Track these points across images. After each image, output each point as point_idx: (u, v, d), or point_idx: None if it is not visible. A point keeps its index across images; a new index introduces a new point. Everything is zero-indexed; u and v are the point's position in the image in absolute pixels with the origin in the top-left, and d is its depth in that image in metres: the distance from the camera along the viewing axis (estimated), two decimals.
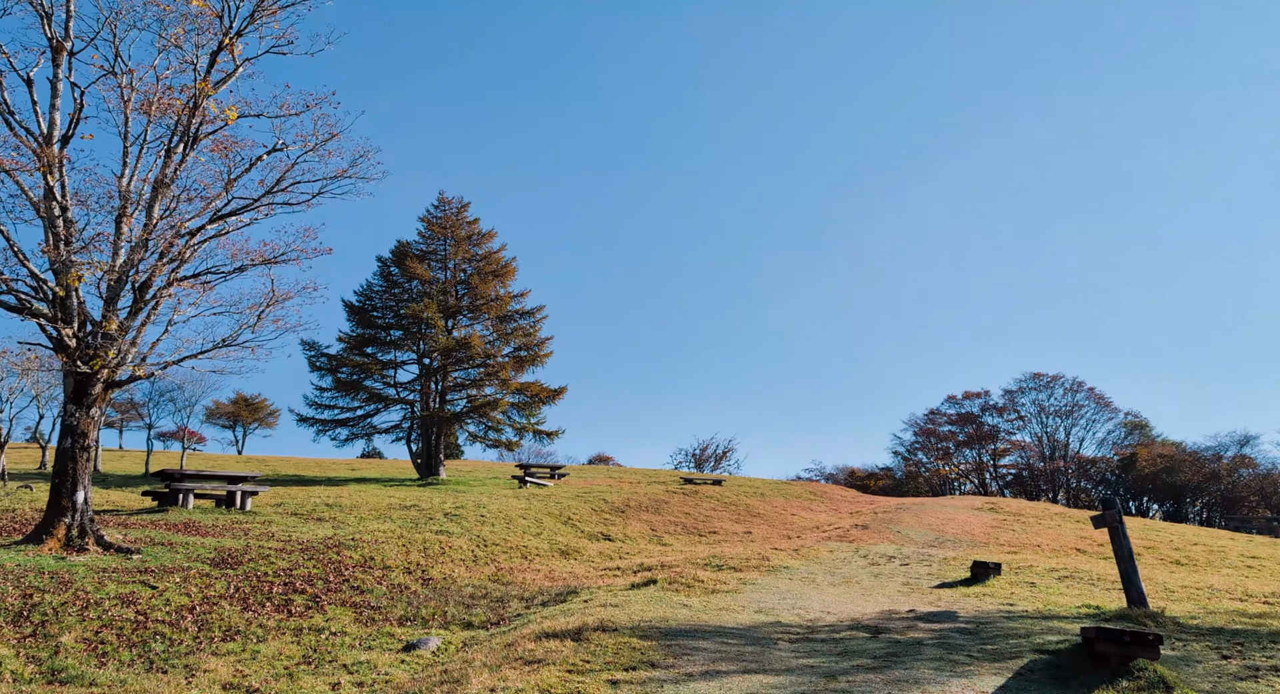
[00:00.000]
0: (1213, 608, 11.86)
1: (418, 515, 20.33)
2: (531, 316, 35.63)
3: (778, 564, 16.48)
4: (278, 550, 13.90)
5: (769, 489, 36.02)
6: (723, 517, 27.45)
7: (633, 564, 17.73)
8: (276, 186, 13.59)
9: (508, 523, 20.98)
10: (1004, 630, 9.22)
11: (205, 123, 13.05)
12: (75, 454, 12.37)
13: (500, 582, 15.09)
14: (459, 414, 33.53)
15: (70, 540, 12.12)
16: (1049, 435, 58.51)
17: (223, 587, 11.22)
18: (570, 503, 25.56)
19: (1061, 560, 19.17)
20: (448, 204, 36.17)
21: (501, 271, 35.21)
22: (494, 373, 33.86)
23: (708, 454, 60.42)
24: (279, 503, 21.17)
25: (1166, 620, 9.89)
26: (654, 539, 23.04)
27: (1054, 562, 18.60)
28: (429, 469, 32.95)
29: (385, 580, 13.50)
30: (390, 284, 35.13)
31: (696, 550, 20.88)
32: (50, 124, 12.52)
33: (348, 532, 16.93)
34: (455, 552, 17.05)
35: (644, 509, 26.62)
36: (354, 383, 33.33)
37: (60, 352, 12.29)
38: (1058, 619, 10.13)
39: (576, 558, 19.19)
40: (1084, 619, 10.18)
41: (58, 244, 12.04)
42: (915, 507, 30.59)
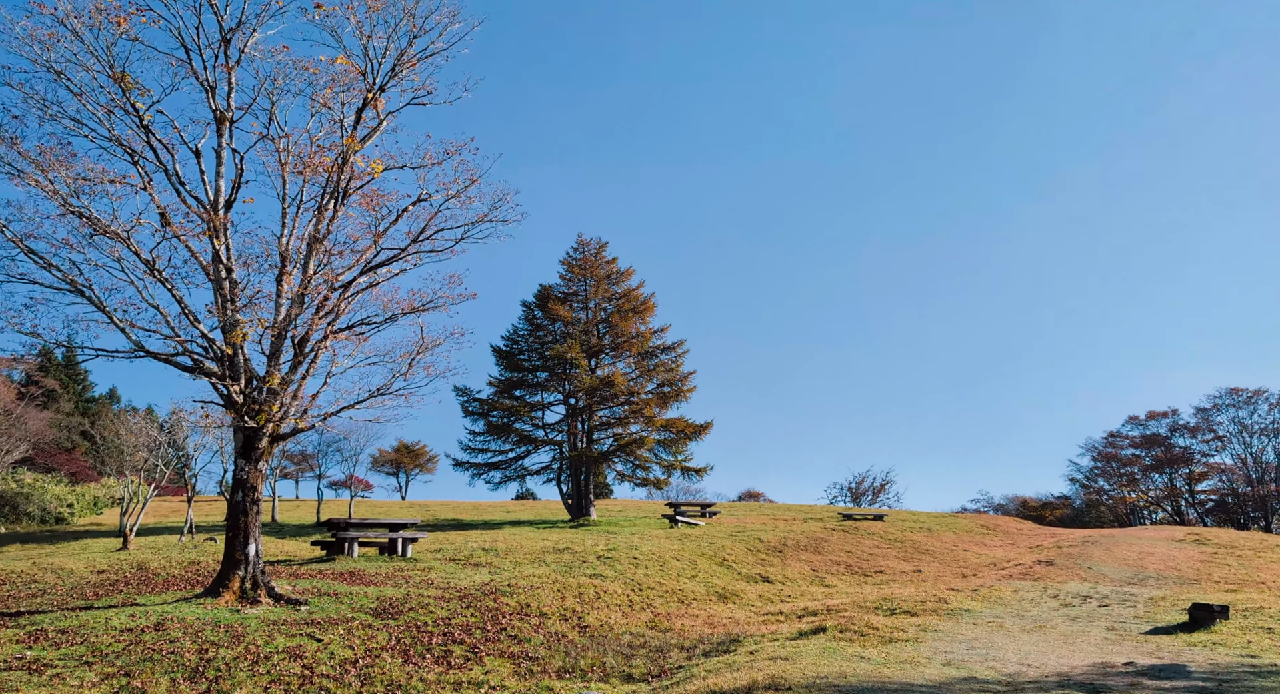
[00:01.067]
0: None
1: (571, 558, 20.06)
2: (673, 352, 35.32)
3: (957, 607, 15.06)
4: (436, 599, 13.85)
5: (936, 523, 33.82)
6: (888, 554, 25.80)
7: (796, 608, 16.71)
8: (421, 235, 13.82)
9: (661, 565, 20.38)
10: (1254, 690, 7.74)
11: (353, 178, 13.44)
12: (246, 507, 12.76)
13: (658, 628, 14.47)
14: (606, 453, 33.43)
15: (244, 593, 12.45)
16: (1254, 457, 52.27)
17: (384, 638, 11.15)
18: (724, 543, 24.72)
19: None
20: (586, 245, 36.62)
21: (641, 308, 35.15)
22: (638, 410, 33.62)
23: (864, 488, 57.93)
24: (438, 549, 21.46)
25: None
26: (815, 580, 21.82)
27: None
28: (580, 510, 32.92)
29: (542, 628, 13.15)
30: (534, 327, 35.74)
31: (863, 592, 19.55)
32: (215, 191, 13.21)
33: (503, 577, 16.80)
34: (610, 596, 16.58)
35: (802, 548, 25.40)
36: (504, 426, 33.93)
37: (229, 408, 12.78)
38: None
39: (735, 601, 18.32)
40: None
41: (224, 304, 12.58)
42: (1105, 539, 27.77)
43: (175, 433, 24.58)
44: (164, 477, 25.30)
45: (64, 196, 11.48)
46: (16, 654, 9.13)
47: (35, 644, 9.61)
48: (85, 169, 11.75)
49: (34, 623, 10.69)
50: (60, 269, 12.03)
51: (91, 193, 11.86)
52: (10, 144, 11.48)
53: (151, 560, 17.68)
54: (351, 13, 13.09)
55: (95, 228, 11.76)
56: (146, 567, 16.66)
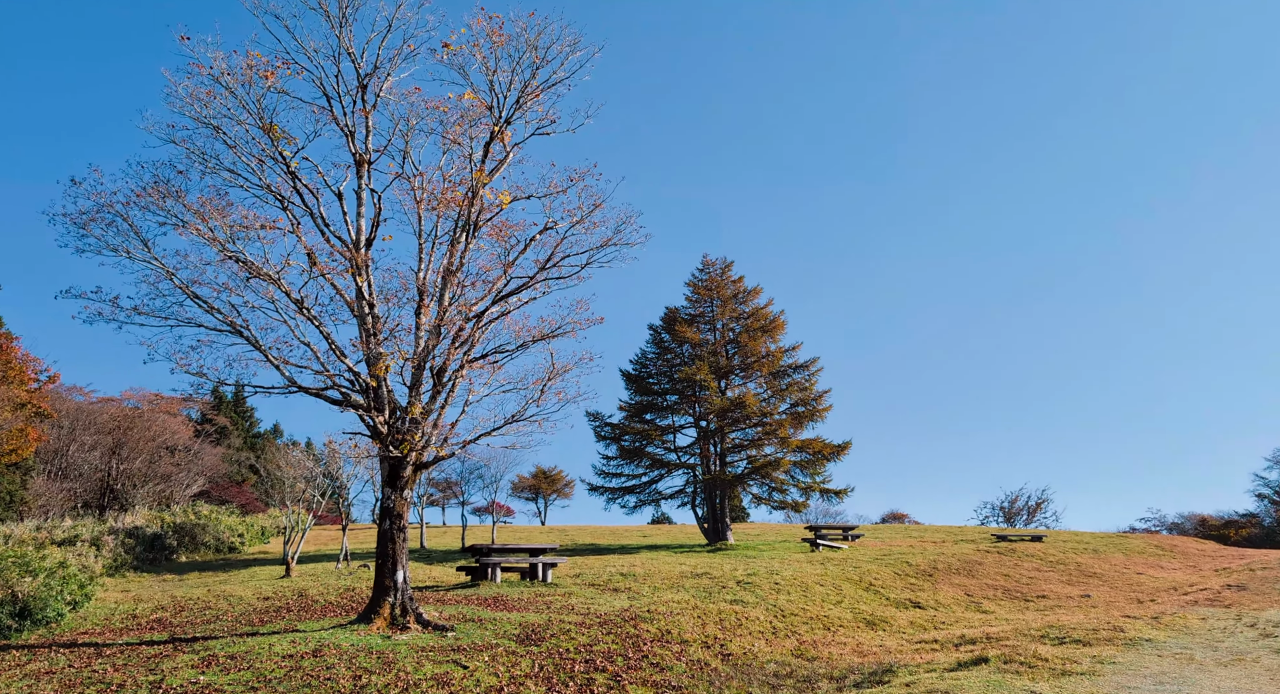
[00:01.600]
0: None
1: (710, 584, 19.68)
2: (805, 370, 34.47)
3: (1135, 636, 13.73)
4: (577, 625, 13.80)
5: (1102, 544, 31.34)
6: (1050, 578, 24.03)
7: (952, 636, 15.70)
8: (549, 262, 14.00)
9: (804, 590, 19.69)
10: None
11: (483, 211, 13.77)
12: (393, 535, 13.14)
13: (804, 657, 13.88)
14: (740, 476, 32.88)
15: (394, 619, 12.77)
16: None
17: (528, 665, 11.14)
18: (870, 567, 23.69)
19: None
20: (712, 266, 36.42)
21: (770, 327, 34.55)
22: (772, 431, 32.92)
23: (1018, 507, 54.51)
24: (577, 573, 21.56)
25: None
26: (971, 606, 20.53)
27: None
28: (716, 534, 32.46)
29: (684, 656, 12.85)
30: (662, 350, 35.74)
31: (1025, 619, 18.21)
32: (357, 230, 13.83)
33: (643, 603, 16.62)
34: (752, 623, 16.09)
35: (955, 571, 24.02)
36: (636, 450, 33.97)
37: (375, 438, 13.24)
38: None
39: (885, 628, 17.43)
40: None
41: (368, 339, 13.09)
42: None
43: (330, 464, 25.89)
44: (320, 506, 26.66)
45: (222, 243, 12.27)
46: (192, 679, 9.63)
47: (208, 669, 10.12)
48: (241, 216, 12.54)
49: (207, 649, 11.30)
50: (221, 312, 12.85)
51: (245, 238, 12.62)
52: (176, 197, 12.39)
53: (311, 587, 18.55)
54: (477, 49, 13.50)
55: (250, 271, 12.51)
56: (306, 593, 17.46)
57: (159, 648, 11.66)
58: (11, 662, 11.19)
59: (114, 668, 10.35)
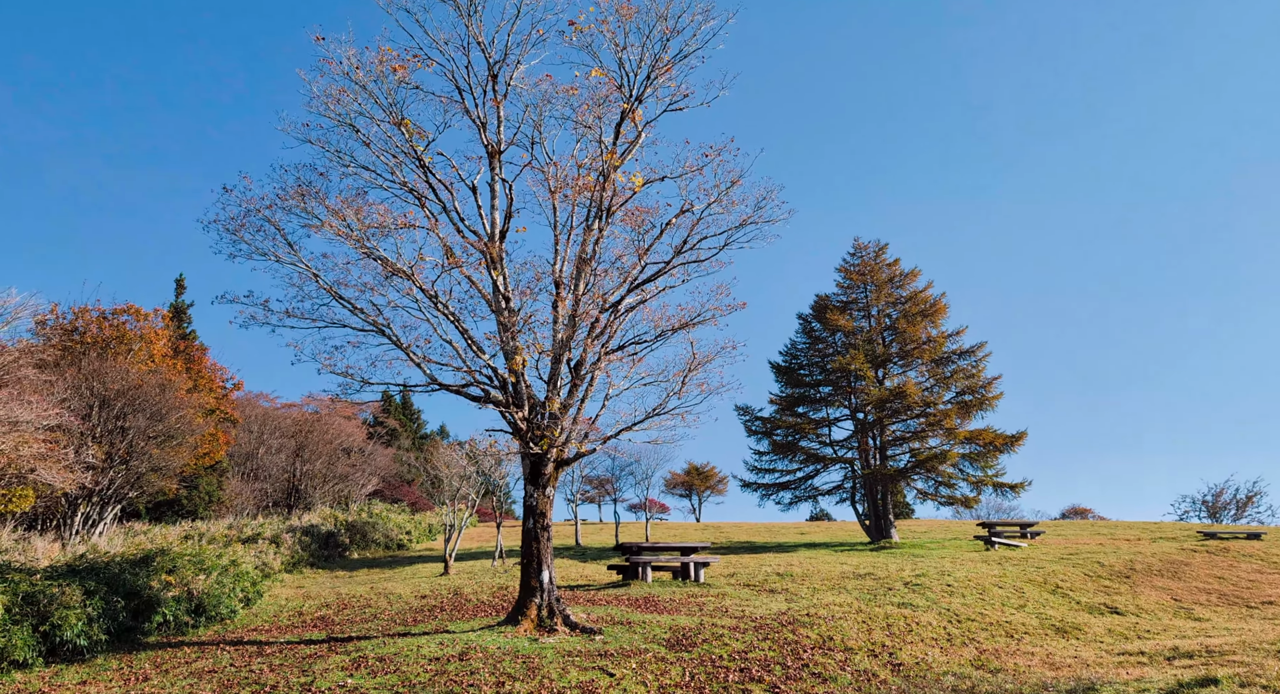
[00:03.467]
0: None
1: (874, 585, 18.32)
2: (972, 356, 32.02)
3: None
4: (731, 629, 12.95)
5: None
6: (1276, 582, 20.97)
7: (1161, 648, 13.71)
8: (685, 246, 13.23)
9: (980, 593, 17.98)
10: None
11: (615, 196, 13.18)
12: (537, 534, 12.77)
13: (986, 668, 12.43)
14: (903, 470, 30.93)
15: (541, 621, 12.40)
16: None
17: (677, 673, 10.41)
18: (1054, 567, 21.49)
19: None
20: (864, 250, 34.57)
21: (931, 311, 32.34)
22: (936, 422, 30.76)
23: (1224, 501, 48.93)
24: (731, 573, 20.70)
25: None
26: (1180, 612, 18.11)
27: None
28: (879, 531, 30.69)
29: (848, 665, 11.74)
30: (813, 340, 34.24)
31: (1251, 629, 15.78)
32: (491, 223, 13.58)
33: (801, 605, 15.56)
34: (923, 629, 14.70)
35: (1156, 573, 21.41)
36: (789, 444, 32.68)
37: (515, 434, 12.92)
38: None
39: (1078, 637, 15.55)
40: None
41: (504, 333, 12.78)
42: None
43: (481, 462, 26.27)
44: (474, 505, 27.12)
45: (359, 240, 12.28)
46: (340, 681, 9.53)
47: (356, 671, 10.02)
48: (379, 215, 12.51)
49: (359, 649, 11.28)
50: (364, 312, 12.89)
51: (382, 235, 12.59)
52: (318, 198, 12.52)
53: (466, 586, 18.67)
54: (605, 26, 12.92)
55: (387, 268, 12.46)
56: (461, 592, 17.54)
57: (316, 647, 11.78)
58: (182, 659, 11.59)
59: (270, 668, 10.45)
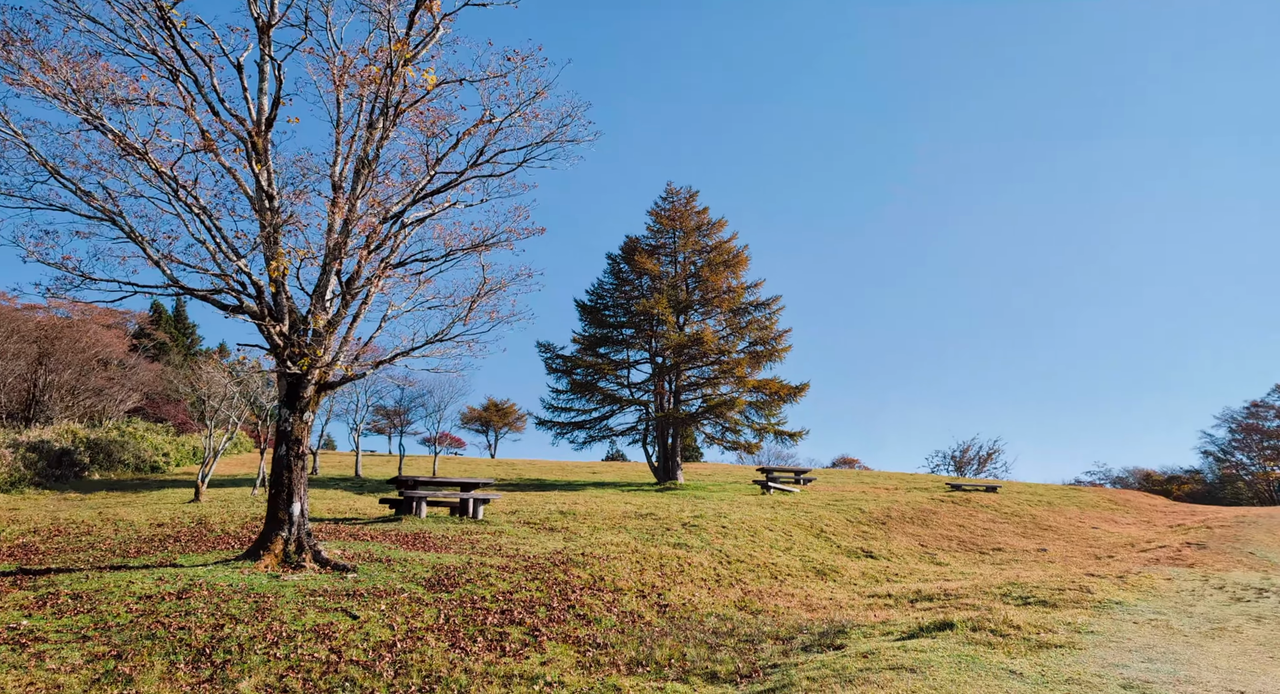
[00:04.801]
0: None
1: (654, 525, 18.43)
2: (767, 308, 33.04)
3: (1104, 598, 12.70)
4: (500, 569, 12.36)
5: (1055, 496, 30.82)
6: (1005, 530, 23.26)
7: (907, 590, 14.63)
8: (480, 157, 12.10)
9: (753, 535, 18.56)
10: None
11: (405, 92, 11.77)
12: (289, 462, 11.48)
13: (748, 610, 12.66)
14: (694, 415, 31.62)
15: (287, 557, 11.21)
16: None
17: (432, 616, 9.67)
18: (821, 512, 22.67)
19: None
20: (676, 195, 34.52)
21: (733, 262, 32.94)
22: (729, 370, 31.61)
23: (969, 457, 54.47)
24: (513, 511, 20.16)
25: None
26: (925, 557, 19.59)
27: None
28: (666, 473, 31.32)
29: (616, 606, 11.51)
30: (621, 281, 34.02)
31: (983, 573, 17.28)
32: (258, 109, 11.78)
33: (578, 545, 15.28)
34: (695, 569, 14.87)
35: (908, 520, 23.12)
36: (588, 384, 32.49)
37: (272, 352, 11.47)
38: None
39: (835, 579, 16.36)
40: None
41: (265, 234, 11.20)
42: (1265, 520, 24.43)
43: (247, 382, 23.95)
44: (235, 428, 24.81)
45: (85, 107, 10.19)
46: (11, 623, 8.00)
47: (39, 611, 8.48)
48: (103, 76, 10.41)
49: (53, 584, 9.64)
50: (93, 196, 10.83)
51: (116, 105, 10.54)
52: (31, 51, 10.22)
53: (214, 515, 16.89)
54: None
55: (118, 143, 10.46)
56: (206, 521, 15.81)
57: (2, 580, 9.98)
58: None
59: None
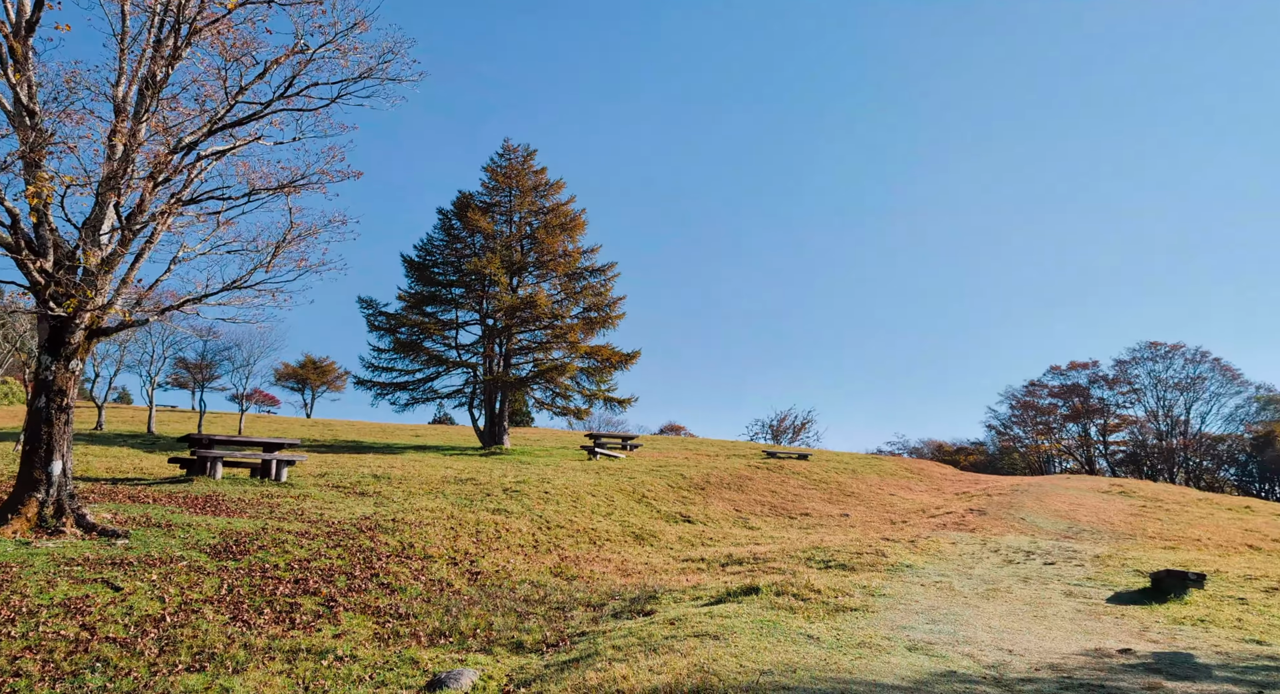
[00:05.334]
0: None
1: (474, 490, 17.97)
2: (602, 274, 32.94)
3: (897, 562, 13.53)
4: (299, 535, 11.56)
5: (859, 465, 32.83)
6: (813, 496, 24.49)
7: (719, 554, 15.02)
8: (289, 89, 11.02)
9: (575, 501, 18.49)
10: None
11: (203, 10, 10.49)
12: (50, 416, 10.14)
13: (563, 576, 12.54)
14: (524, 379, 31.18)
15: (43, 521, 9.94)
16: (1166, 411, 53.30)
17: (213, 587, 8.85)
18: (644, 478, 22.96)
19: (1248, 563, 15.70)
20: (513, 152, 33.56)
21: (570, 225, 32.53)
22: (562, 335, 31.34)
23: (786, 425, 57.30)
24: (323, 473, 19.06)
25: None
26: (739, 521, 20.27)
27: (1238, 565, 15.19)
28: (492, 437, 30.77)
29: (424, 574, 11.05)
30: (452, 238, 32.82)
31: (790, 537, 18.06)
32: (18, 9, 10.16)
33: (390, 510, 14.61)
34: (513, 535, 14.59)
35: (726, 486, 23.86)
36: (413, 344, 31.25)
37: (32, 290, 10.05)
38: None
39: (653, 544, 16.58)
40: None
41: (22, 154, 9.71)
42: (1034, 488, 27.04)
43: (10, 324, 21.25)
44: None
45: None
46: None
47: None
48: None
49: None
50: None
51: None
52: None
53: None
54: None
55: None
56: None
57: None
58: None
59: None
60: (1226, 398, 52.29)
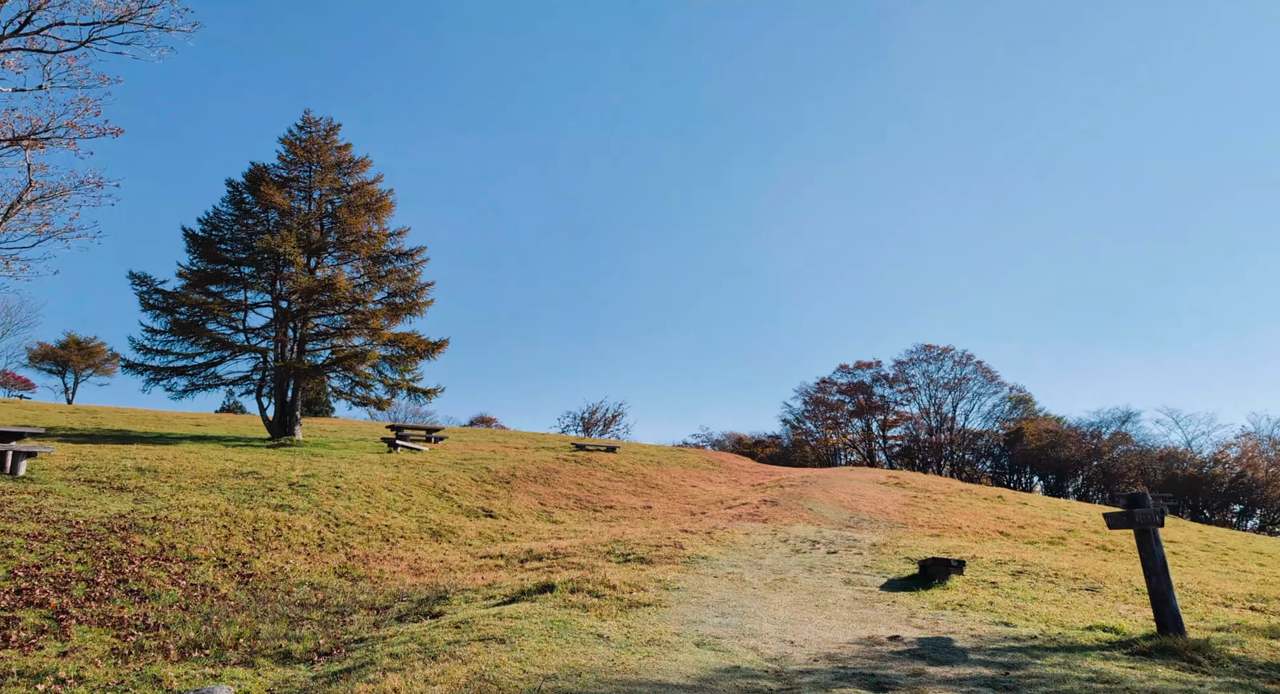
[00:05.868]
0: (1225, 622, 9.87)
1: (255, 485, 16.59)
2: (410, 259, 31.53)
3: (694, 554, 13.80)
4: (29, 538, 10.08)
5: (666, 457, 33.56)
6: (619, 488, 24.69)
7: (519, 550, 14.69)
8: (25, 25, 9.51)
9: (369, 496, 17.52)
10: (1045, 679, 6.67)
11: None
12: None
13: (349, 576, 11.79)
14: (320, 366, 29.30)
15: None
16: (936, 408, 58.67)
17: None
18: (447, 471, 22.19)
19: (999, 549, 17.36)
20: (314, 125, 31.40)
21: (376, 205, 30.88)
22: (364, 321, 29.74)
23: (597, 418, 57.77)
24: (75, 466, 16.90)
25: (1222, 656, 7.63)
26: (543, 515, 20.02)
27: (991, 550, 16.76)
28: (283, 428, 28.69)
29: (185, 578, 9.98)
30: (243, 213, 30.23)
31: (593, 530, 18.02)
32: None
33: (152, 507, 13.13)
34: (296, 534, 13.57)
35: (532, 479, 23.54)
36: (194, 325, 28.49)
37: None
38: (1080, 652, 7.73)
39: (451, 540, 16.00)
40: (1113, 650, 7.83)
41: None
42: (821, 480, 28.71)
43: None
44: None
45: None
46: None
47: None
48: None
49: None
50: None
51: None
52: None
53: None
54: None
55: None
56: None
57: None
58: None
59: None
60: (986, 397, 58.47)
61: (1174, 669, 7.00)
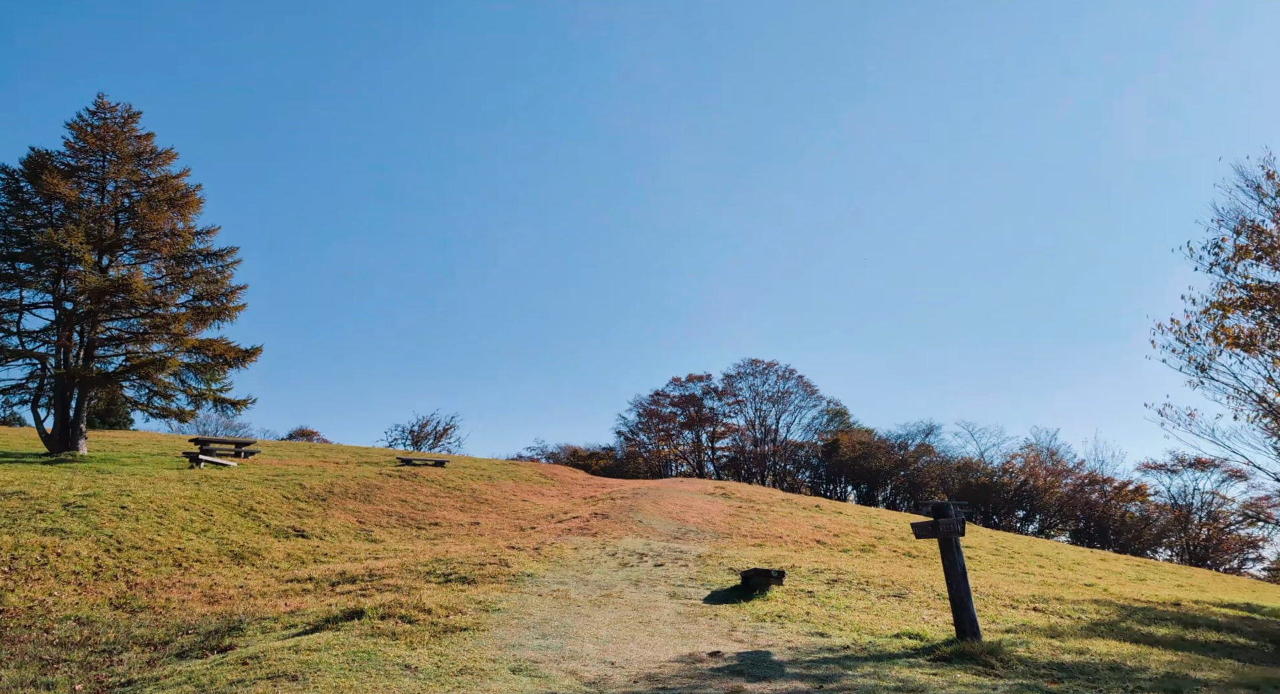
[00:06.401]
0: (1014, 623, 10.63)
1: (19, 506, 14.75)
2: (219, 259, 29.16)
3: (519, 571, 13.43)
4: None
5: (496, 471, 32.82)
6: (446, 504, 23.83)
7: (331, 573, 13.76)
8: None
9: (161, 516, 15.97)
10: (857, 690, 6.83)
11: None
12: None
13: (127, 607, 10.58)
14: (111, 375, 26.57)
15: None
16: (761, 420, 61.11)
17: None
18: (255, 488, 20.61)
19: (816, 557, 18.07)
20: (110, 110, 28.49)
21: (181, 201, 28.39)
22: (164, 325, 27.21)
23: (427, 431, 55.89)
24: None
25: (1012, 658, 8.14)
26: (361, 534, 18.94)
27: (809, 559, 17.42)
28: (64, 442, 25.73)
29: None
30: (20, 204, 26.98)
31: (415, 549, 17.23)
32: None
33: None
34: (66, 561, 12.12)
35: (351, 496, 22.28)
36: None
37: None
38: (889, 660, 8.03)
39: (254, 563, 14.80)
40: (918, 657, 8.19)
41: None
42: (652, 492, 28.97)
43: None
44: None
45: None
46: None
47: None
48: None
49: None
50: None
51: None
52: None
53: None
54: None
55: None
56: None
57: None
58: None
59: None
60: (806, 410, 61.64)
61: (971, 674, 7.40)
